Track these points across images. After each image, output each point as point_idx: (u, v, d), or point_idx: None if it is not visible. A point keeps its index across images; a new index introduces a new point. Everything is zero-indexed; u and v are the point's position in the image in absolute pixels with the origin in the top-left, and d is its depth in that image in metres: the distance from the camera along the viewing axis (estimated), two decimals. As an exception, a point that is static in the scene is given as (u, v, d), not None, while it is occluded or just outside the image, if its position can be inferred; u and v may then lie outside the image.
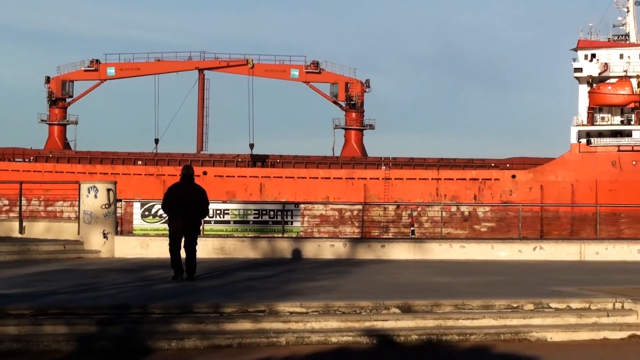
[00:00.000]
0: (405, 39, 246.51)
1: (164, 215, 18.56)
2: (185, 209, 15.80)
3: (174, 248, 16.07)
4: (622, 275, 16.26)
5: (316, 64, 75.28)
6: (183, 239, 16.05)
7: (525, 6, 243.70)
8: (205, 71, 77.80)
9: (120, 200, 22.60)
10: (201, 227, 18.60)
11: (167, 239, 18.75)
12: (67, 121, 78.83)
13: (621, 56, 68.87)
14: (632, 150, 65.26)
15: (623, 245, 23.17)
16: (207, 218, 22.76)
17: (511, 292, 14.21)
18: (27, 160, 72.77)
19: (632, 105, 67.79)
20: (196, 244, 16.33)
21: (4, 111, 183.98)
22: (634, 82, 67.86)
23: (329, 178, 67.34)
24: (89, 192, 20.28)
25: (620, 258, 21.36)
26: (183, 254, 16.03)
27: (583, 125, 68.25)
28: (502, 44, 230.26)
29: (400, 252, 22.15)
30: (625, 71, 68.24)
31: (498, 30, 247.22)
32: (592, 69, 68.90)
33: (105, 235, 19.71)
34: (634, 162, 63.69)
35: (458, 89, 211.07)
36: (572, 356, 10.86)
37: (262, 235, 22.98)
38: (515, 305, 13.17)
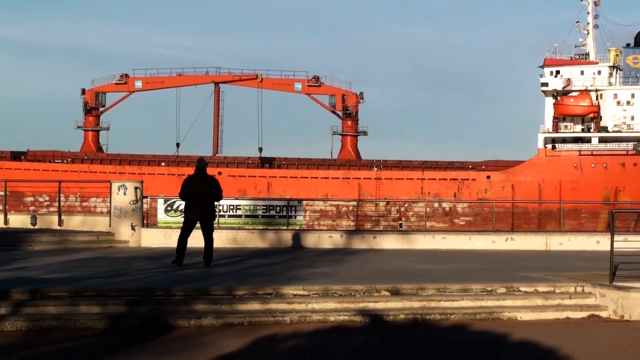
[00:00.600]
0: (396, 56, 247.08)
1: (182, 208, 18.45)
2: (201, 196, 15.61)
3: (184, 235, 15.79)
4: (583, 263, 16.29)
5: (317, 79, 75.31)
6: (197, 228, 15.85)
7: (499, 29, 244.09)
8: (220, 84, 77.78)
9: (146, 197, 22.60)
10: (216, 219, 18.40)
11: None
12: (100, 127, 78.82)
13: (582, 72, 68.99)
14: (592, 155, 65.35)
15: (583, 237, 23.21)
16: (222, 212, 22.88)
17: (486, 278, 14.24)
18: (65, 161, 72.68)
19: (591, 115, 67.84)
20: (213, 229, 16.12)
21: (45, 118, 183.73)
22: (593, 95, 67.93)
23: (328, 178, 67.31)
24: (119, 190, 20.31)
25: (581, 248, 21.39)
26: (190, 243, 15.81)
27: (549, 132, 68.29)
28: (478, 62, 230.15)
29: (390, 242, 22.17)
30: (586, 86, 68.36)
31: (475, 49, 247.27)
32: (556, 84, 68.96)
33: (133, 228, 19.74)
34: (593, 165, 63.68)
35: (440, 100, 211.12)
36: (538, 333, 10.87)
37: (269, 228, 23.00)
38: (489, 288, 13.21)
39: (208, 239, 15.81)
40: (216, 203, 17.13)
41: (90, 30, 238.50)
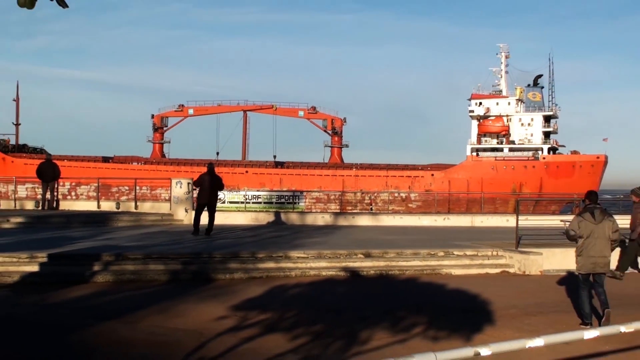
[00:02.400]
0: (369, 94, 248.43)
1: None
2: (209, 187, 15.37)
3: (197, 214, 15.61)
4: (497, 235, 16.31)
5: (314, 108, 75.08)
6: (206, 208, 15.50)
7: (439, 74, 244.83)
8: (247, 112, 77.40)
9: (195, 189, 22.62)
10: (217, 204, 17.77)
11: (222, 213, 18.60)
12: (164, 141, 78.19)
13: (497, 103, 68.84)
14: (504, 160, 65.36)
15: (497, 217, 23.23)
16: (247, 200, 22.80)
17: (430, 245, 14.23)
18: (139, 163, 72.32)
19: (503, 132, 67.82)
20: (215, 211, 15.84)
21: (126, 134, 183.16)
22: (505, 119, 67.98)
23: (321, 175, 67.13)
24: (176, 184, 20.26)
25: (496, 225, 21.38)
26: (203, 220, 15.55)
27: (474, 144, 68.21)
28: (425, 96, 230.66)
29: (364, 220, 22.16)
30: (499, 112, 68.53)
31: (424, 88, 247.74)
32: (479, 111, 68.84)
33: (186, 210, 19.69)
34: (504, 167, 63.65)
35: (399, 124, 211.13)
36: (467, 283, 10.90)
37: (280, 210, 23.00)
38: (432, 253, 13.23)
39: (211, 217, 15.56)
40: (243, 193, 17.12)
41: (159, 74, 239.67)
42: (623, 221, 13.09)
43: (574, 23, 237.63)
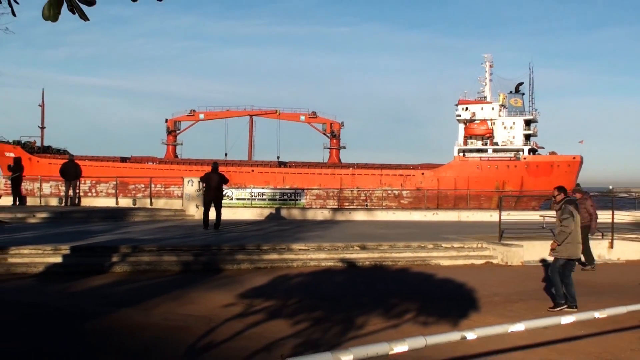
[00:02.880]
0: (365, 100, 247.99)
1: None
2: (215, 185, 15.27)
3: (206, 210, 15.48)
4: (482, 229, 16.31)
5: (314, 113, 74.95)
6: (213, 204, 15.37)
7: (431, 81, 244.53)
8: (253, 116, 77.38)
9: (204, 186, 22.56)
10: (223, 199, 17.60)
11: (230, 209, 18.57)
12: (176, 143, 77.96)
13: (482, 108, 68.74)
14: (488, 160, 65.33)
15: (482, 212, 23.24)
16: (253, 197, 22.80)
17: (421, 238, 14.23)
18: (154, 163, 72.19)
19: (487, 135, 67.78)
20: (222, 206, 15.74)
21: (142, 136, 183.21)
22: (489, 122, 67.96)
23: (321, 174, 67.03)
24: (188, 182, 20.25)
25: (481, 219, 21.39)
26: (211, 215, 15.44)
27: (461, 146, 68.29)
28: (417, 103, 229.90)
29: (360, 216, 22.15)
30: (484, 117, 68.48)
31: (416, 95, 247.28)
32: (466, 115, 68.75)
33: (197, 207, 19.66)
34: (489, 166, 63.56)
35: (392, 127, 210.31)
36: (454, 273, 10.90)
37: (283, 206, 23.01)
38: (422, 245, 13.23)
39: (218, 212, 15.44)
40: (249, 191, 17.07)
41: (172, 81, 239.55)
42: (603, 215, 13.12)
43: (553, 35, 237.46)
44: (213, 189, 15.38)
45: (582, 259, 11.68)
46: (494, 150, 67.57)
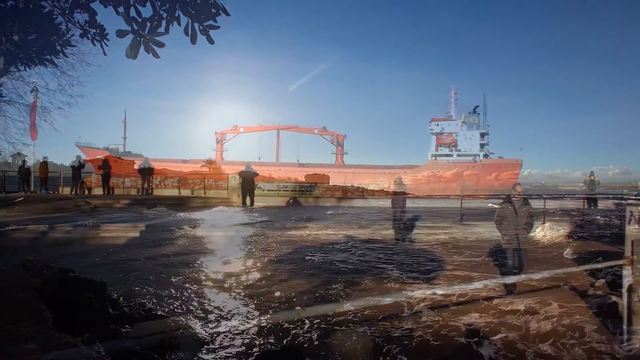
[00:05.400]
0: (364, 117, 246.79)
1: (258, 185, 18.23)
2: (250, 179, 16.00)
3: (243, 197, 16.34)
4: (448, 213, 16.02)
5: (324, 127, 75.31)
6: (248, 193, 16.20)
7: (412, 104, 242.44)
8: (280, 130, 77.71)
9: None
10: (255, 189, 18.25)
11: (263, 198, 18.62)
12: (223, 150, 78.56)
13: (449, 124, 68.68)
14: (454, 162, 65.36)
15: (449, 201, 23.00)
16: (280, 189, 22.70)
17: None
18: (207, 164, 72.44)
19: (453, 144, 67.71)
20: (254, 195, 16.71)
21: (197, 145, 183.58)
22: (454, 135, 67.68)
23: (330, 172, 66.60)
24: (232, 178, 20.33)
25: (448, 206, 21.15)
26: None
27: (434, 152, 68.23)
28: (400, 120, 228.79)
29: (358, 203, 22.02)
30: (451, 131, 68.32)
31: (399, 113, 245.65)
32: (437, 129, 68.53)
33: (237, 195, 19.69)
34: (454, 167, 63.62)
35: (383, 138, 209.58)
36: (423, 247, 10.74)
37: (302, 196, 23.00)
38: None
39: (252, 197, 16.24)
40: (277, 184, 17.11)
41: (220, 103, 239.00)
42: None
43: (502, 70, 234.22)
44: (247, 182, 15.65)
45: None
46: (458, 155, 67.34)
